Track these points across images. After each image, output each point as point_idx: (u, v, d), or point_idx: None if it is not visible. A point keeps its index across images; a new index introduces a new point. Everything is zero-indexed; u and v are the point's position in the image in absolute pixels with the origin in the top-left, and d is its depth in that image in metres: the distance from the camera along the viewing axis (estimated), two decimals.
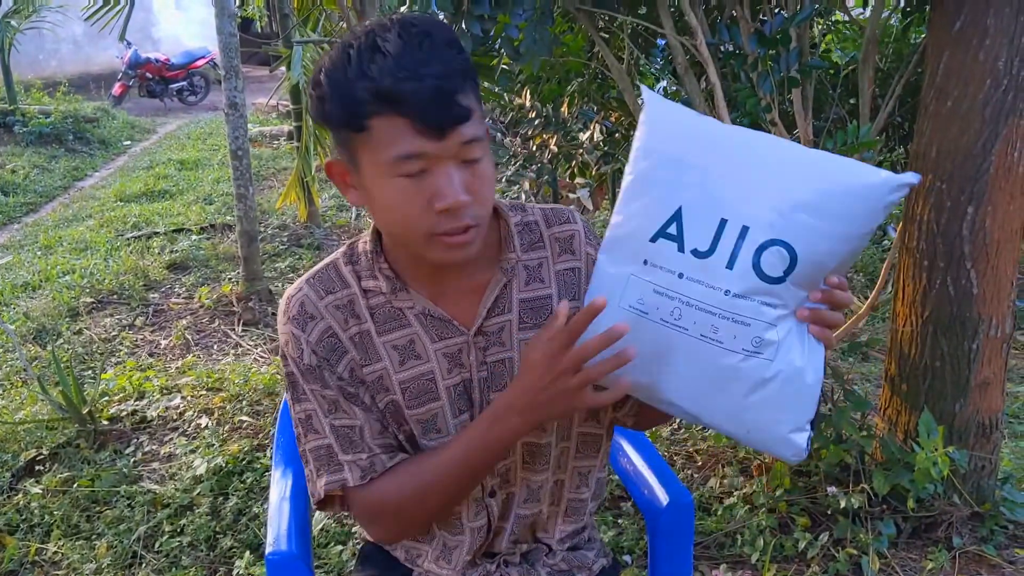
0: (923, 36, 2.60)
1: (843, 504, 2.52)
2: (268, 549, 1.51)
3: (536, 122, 3.12)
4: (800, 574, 2.44)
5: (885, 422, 2.68)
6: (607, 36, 2.80)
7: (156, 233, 6.50)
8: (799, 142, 2.50)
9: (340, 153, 1.12)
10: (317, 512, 2.72)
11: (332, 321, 1.21)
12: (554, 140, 3.17)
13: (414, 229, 1.09)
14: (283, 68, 6.15)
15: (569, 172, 3.25)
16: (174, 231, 6.55)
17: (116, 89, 13.28)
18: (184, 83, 14.05)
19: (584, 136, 3.24)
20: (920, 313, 2.50)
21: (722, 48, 2.42)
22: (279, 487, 1.66)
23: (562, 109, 3.12)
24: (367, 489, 1.22)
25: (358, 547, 2.56)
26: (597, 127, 3.26)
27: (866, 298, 4.92)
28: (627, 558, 2.54)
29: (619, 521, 2.70)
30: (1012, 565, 2.42)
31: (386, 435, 1.24)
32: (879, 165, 2.76)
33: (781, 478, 2.69)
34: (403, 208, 1.08)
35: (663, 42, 2.78)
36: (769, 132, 2.48)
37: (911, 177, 1.03)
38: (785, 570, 2.46)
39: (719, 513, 2.68)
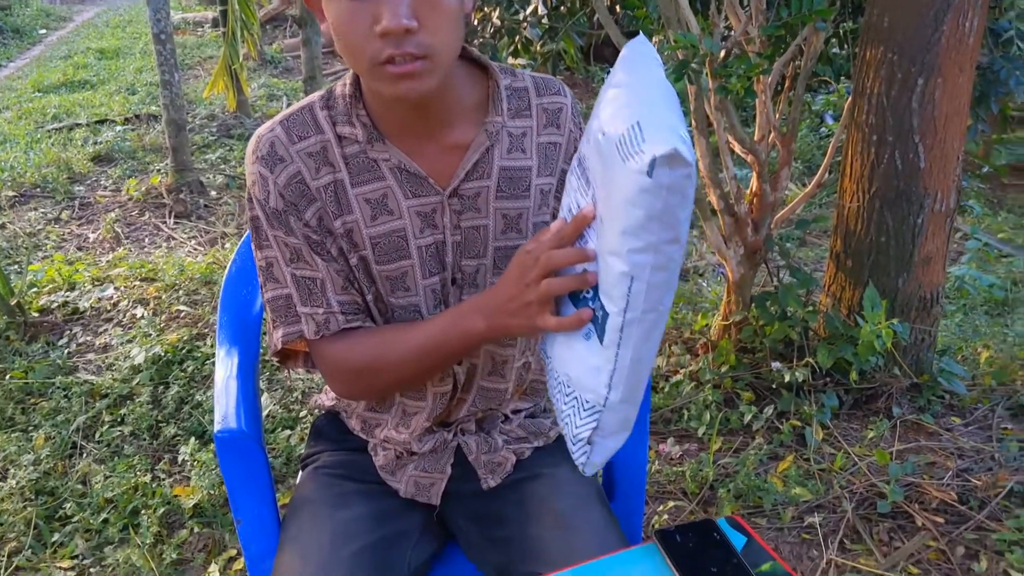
0: None
1: (787, 378, 2.56)
2: (216, 427, 1.45)
3: None
4: (745, 446, 2.48)
5: (829, 298, 2.70)
6: None
7: (78, 124, 6.22)
8: (751, 12, 2.44)
9: None
10: (264, 396, 2.69)
11: (302, 167, 1.15)
12: (496, 13, 3.04)
13: (359, 57, 1.02)
14: None
15: (512, 49, 3.13)
16: (97, 122, 6.28)
17: None
18: None
19: (527, 11, 3.12)
20: (867, 188, 2.50)
21: None
22: (224, 366, 1.59)
23: None
24: (325, 344, 1.18)
25: (306, 429, 2.53)
26: (540, 1, 3.15)
27: (804, 185, 4.95)
28: None
29: None
30: (949, 432, 2.49)
31: (350, 291, 1.19)
32: (829, 39, 2.73)
33: (726, 355, 2.72)
34: (348, 33, 1.01)
35: None
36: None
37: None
38: (731, 442, 2.51)
39: (666, 390, 2.71)
